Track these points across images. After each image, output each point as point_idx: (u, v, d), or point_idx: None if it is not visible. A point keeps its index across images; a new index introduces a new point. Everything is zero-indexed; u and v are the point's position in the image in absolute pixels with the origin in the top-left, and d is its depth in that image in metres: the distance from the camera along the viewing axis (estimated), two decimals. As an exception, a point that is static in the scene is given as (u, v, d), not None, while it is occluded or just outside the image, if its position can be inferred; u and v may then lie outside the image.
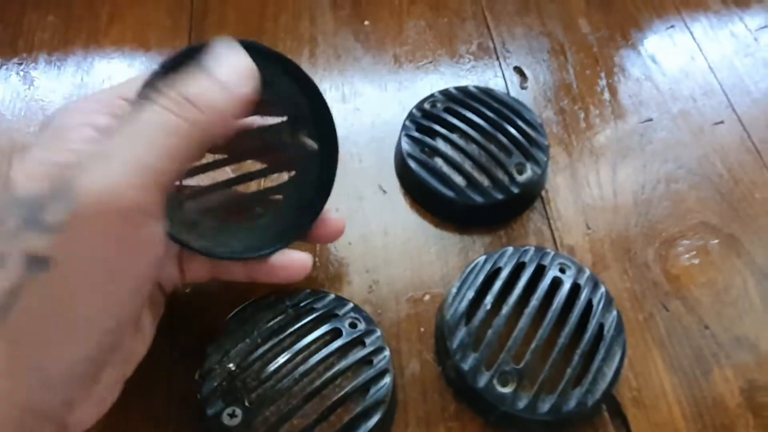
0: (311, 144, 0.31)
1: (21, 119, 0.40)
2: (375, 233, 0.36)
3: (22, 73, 0.42)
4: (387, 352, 0.30)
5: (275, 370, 0.28)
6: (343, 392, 0.28)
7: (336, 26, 0.45)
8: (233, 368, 0.28)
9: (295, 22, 0.46)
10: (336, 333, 0.30)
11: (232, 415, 0.27)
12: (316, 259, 0.35)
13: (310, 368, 0.29)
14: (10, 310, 0.19)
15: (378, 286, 0.34)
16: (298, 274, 0.30)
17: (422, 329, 0.33)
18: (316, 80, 0.43)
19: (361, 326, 0.31)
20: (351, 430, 0.28)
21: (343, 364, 0.29)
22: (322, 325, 0.30)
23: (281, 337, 0.30)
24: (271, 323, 0.30)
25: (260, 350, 0.29)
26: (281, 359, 0.29)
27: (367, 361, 0.29)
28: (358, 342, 0.30)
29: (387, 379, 0.29)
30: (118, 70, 0.43)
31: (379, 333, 0.31)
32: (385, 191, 0.38)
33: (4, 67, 0.42)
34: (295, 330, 0.30)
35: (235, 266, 0.30)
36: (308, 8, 0.46)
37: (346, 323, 0.30)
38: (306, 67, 0.43)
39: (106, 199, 0.19)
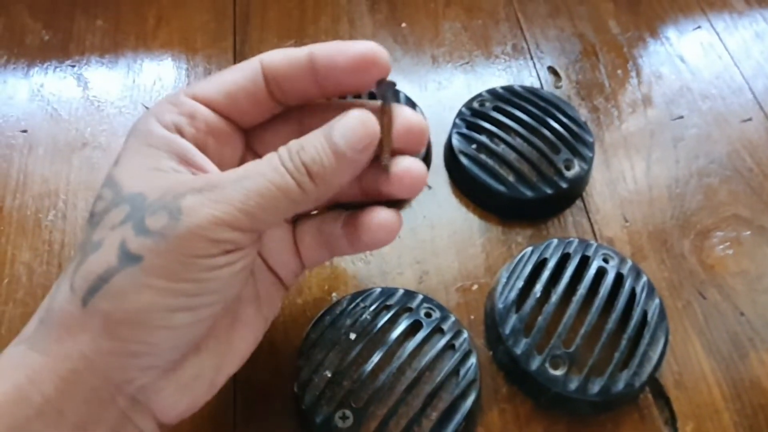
0: None
1: (78, 119, 0.42)
2: (422, 227, 0.38)
3: (75, 75, 0.44)
4: (466, 334, 0.32)
5: (372, 369, 0.30)
6: (438, 379, 0.30)
7: (374, 29, 0.47)
8: (330, 375, 0.30)
9: (335, 25, 0.47)
10: (416, 325, 0.32)
11: (344, 418, 0.29)
12: (369, 253, 0.37)
13: (404, 362, 0.30)
14: (97, 292, 0.21)
15: (428, 276, 0.36)
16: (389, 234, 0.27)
17: (472, 317, 0.35)
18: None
19: (436, 315, 0.32)
20: (452, 413, 0.30)
21: (432, 353, 0.31)
22: (400, 319, 0.32)
23: (368, 338, 0.31)
24: (354, 326, 0.32)
25: (353, 354, 0.30)
26: (375, 358, 0.30)
27: (450, 346, 0.31)
28: (437, 330, 0.32)
29: (473, 359, 0.31)
30: (168, 71, 0.44)
31: (453, 318, 0.32)
32: (430, 187, 0.39)
33: (59, 69, 0.44)
34: (378, 329, 0.31)
35: (343, 243, 0.28)
36: (346, 12, 0.48)
37: (422, 313, 0.32)
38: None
39: (204, 227, 0.21)
